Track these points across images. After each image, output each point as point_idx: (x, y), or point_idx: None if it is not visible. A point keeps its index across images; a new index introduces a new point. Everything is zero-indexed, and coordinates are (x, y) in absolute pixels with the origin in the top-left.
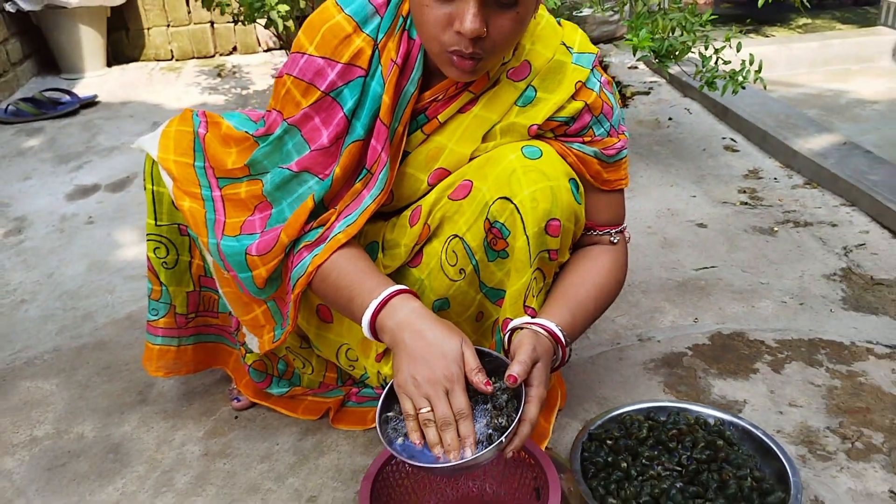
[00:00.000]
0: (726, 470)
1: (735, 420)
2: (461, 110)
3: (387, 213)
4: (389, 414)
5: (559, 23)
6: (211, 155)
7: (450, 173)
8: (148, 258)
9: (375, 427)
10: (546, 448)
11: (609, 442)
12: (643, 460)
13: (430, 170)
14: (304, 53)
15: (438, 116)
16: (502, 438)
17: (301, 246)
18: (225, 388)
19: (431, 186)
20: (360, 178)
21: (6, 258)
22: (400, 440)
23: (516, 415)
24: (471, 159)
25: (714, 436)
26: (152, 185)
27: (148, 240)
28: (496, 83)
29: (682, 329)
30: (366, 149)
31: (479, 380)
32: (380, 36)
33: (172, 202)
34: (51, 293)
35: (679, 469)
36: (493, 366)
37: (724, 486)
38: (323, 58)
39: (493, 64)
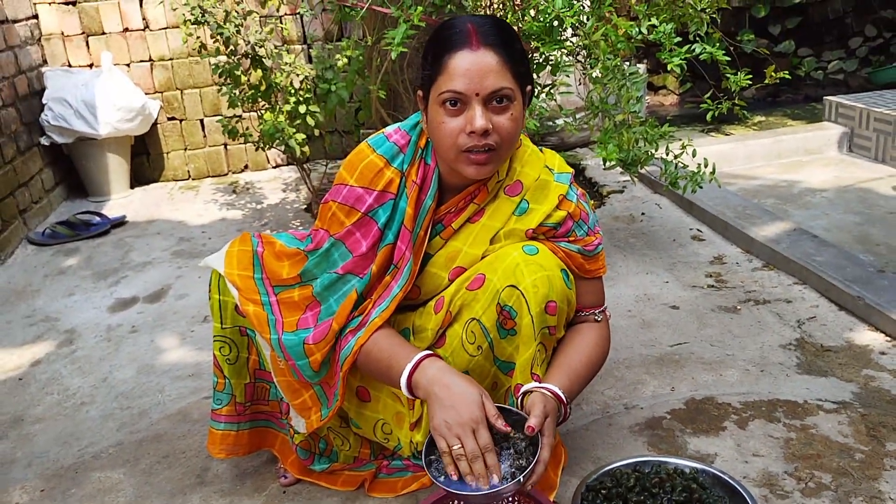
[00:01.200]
0: None
1: (707, 469)
2: (471, 220)
3: (415, 304)
4: (432, 458)
5: (541, 150)
6: (267, 268)
7: (465, 270)
8: (214, 356)
9: (405, 493)
10: (553, 501)
11: (603, 491)
12: None
13: (450, 268)
14: (347, 185)
15: (452, 224)
16: (521, 477)
17: (346, 332)
18: (272, 468)
19: (451, 281)
20: (388, 272)
21: (62, 367)
22: (442, 478)
23: (533, 458)
24: (482, 258)
25: (690, 482)
26: (218, 295)
27: (214, 340)
28: (496, 198)
29: (661, 397)
30: (394, 250)
31: (500, 424)
32: (404, 167)
33: (235, 308)
34: (107, 395)
35: None
36: (513, 420)
37: None
38: (362, 187)
39: (500, 161)
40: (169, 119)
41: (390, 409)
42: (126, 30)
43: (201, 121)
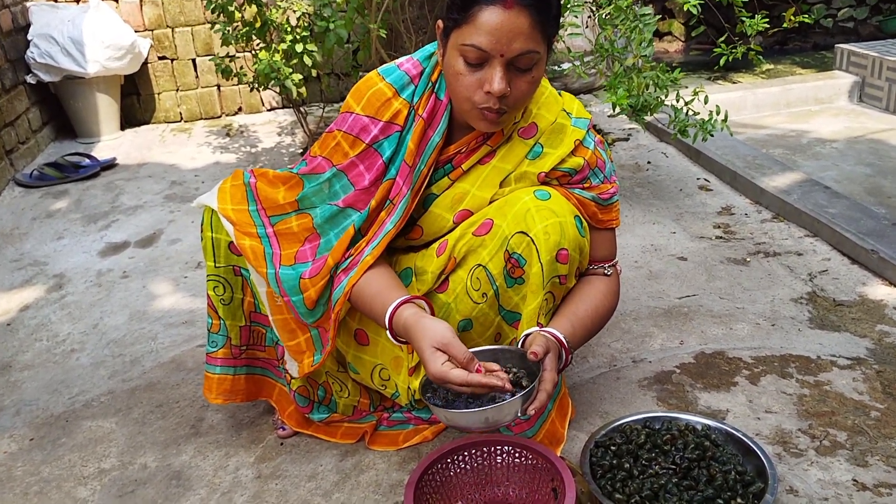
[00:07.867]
0: (713, 466)
1: (719, 425)
2: (481, 161)
3: (418, 246)
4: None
5: (560, 94)
6: (263, 197)
7: (472, 214)
8: (208, 296)
9: (407, 447)
10: (561, 456)
11: (613, 448)
12: (643, 461)
13: (456, 210)
14: (353, 113)
15: (462, 165)
16: (519, 397)
17: (339, 271)
18: (269, 419)
19: (456, 224)
20: (384, 207)
21: (52, 312)
22: (439, 402)
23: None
24: (490, 202)
25: (702, 439)
26: (211, 232)
27: (208, 280)
28: (509, 139)
29: (669, 350)
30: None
31: (472, 367)
32: (415, 99)
33: (229, 246)
34: (98, 342)
35: (673, 467)
36: (515, 358)
37: (712, 480)
38: (368, 116)
39: (512, 117)
40: (160, 58)
41: (388, 353)
42: None
43: (193, 60)
